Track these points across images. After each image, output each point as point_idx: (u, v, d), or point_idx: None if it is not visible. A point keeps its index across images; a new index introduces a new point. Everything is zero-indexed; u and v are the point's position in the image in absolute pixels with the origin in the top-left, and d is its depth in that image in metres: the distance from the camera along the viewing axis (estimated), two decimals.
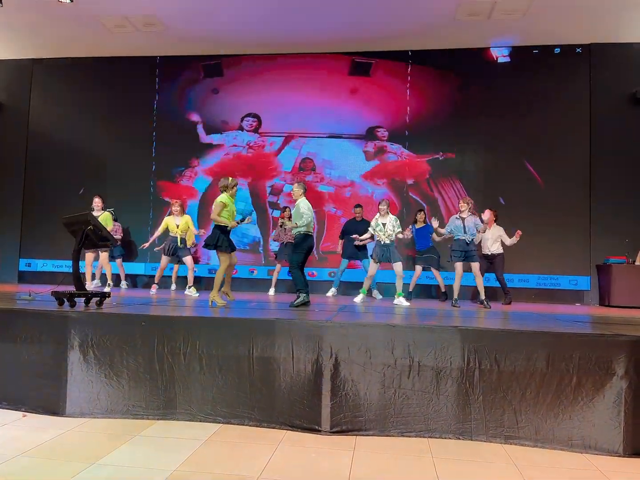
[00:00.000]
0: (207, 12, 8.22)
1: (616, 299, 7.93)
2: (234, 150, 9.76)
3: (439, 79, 9.31)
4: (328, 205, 9.42)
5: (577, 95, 8.91)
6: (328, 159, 9.49)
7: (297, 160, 9.57)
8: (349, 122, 9.48)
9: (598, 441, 3.51)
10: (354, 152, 9.44)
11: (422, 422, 3.71)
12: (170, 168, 9.88)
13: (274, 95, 9.67)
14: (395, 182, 9.32)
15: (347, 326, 3.91)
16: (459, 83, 9.25)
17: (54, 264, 9.87)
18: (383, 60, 9.44)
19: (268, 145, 9.69)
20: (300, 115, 9.59)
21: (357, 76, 9.50)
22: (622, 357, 3.56)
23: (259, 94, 9.71)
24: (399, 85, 9.39)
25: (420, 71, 9.37)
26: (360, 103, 9.48)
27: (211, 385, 3.94)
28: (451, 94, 9.25)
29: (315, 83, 9.58)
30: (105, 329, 4.08)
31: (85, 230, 4.72)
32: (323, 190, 9.45)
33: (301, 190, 5.97)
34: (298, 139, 9.59)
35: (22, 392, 4.07)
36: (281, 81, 9.68)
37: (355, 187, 9.40)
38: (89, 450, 3.26)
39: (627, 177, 8.61)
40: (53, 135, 10.22)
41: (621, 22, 8.19)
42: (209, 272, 9.34)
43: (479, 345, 3.74)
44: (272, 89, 9.67)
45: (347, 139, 9.48)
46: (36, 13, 8.37)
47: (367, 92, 9.46)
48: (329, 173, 9.48)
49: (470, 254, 6.62)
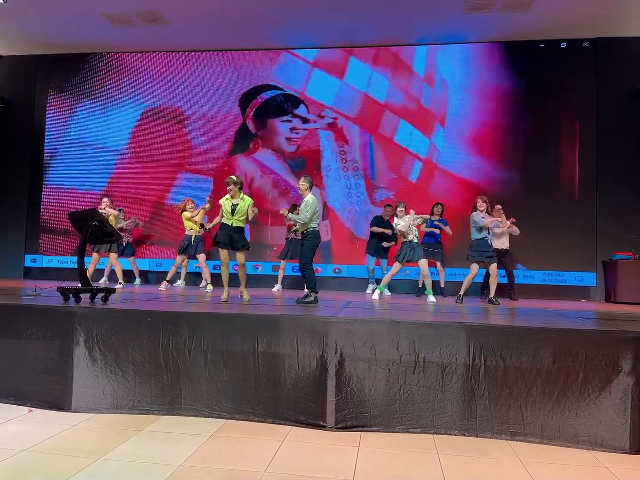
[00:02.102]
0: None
1: (622, 295, 7.89)
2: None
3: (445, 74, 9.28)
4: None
5: (583, 90, 8.85)
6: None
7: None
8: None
9: (604, 438, 3.49)
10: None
11: (427, 418, 3.70)
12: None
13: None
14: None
15: (352, 322, 3.90)
16: (463, 78, 9.22)
17: (59, 260, 9.91)
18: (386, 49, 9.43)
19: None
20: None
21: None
22: (629, 353, 3.53)
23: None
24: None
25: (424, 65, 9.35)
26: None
27: (216, 380, 3.94)
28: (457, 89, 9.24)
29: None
30: (110, 325, 4.09)
31: (90, 225, 4.73)
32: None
33: (307, 184, 5.85)
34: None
35: (28, 388, 4.09)
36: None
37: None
38: (95, 445, 3.27)
39: (633, 172, 8.55)
40: (60, 132, 10.24)
41: (627, 17, 8.13)
42: (213, 267, 9.35)
43: (484, 342, 3.72)
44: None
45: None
46: (39, 9, 8.37)
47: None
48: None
49: (491, 254, 6.58)
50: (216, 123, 9.84)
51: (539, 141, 8.92)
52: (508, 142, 9.07)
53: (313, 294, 5.60)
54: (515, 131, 9.05)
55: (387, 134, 9.34)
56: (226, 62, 9.89)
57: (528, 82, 9.04)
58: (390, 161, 9.31)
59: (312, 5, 8.08)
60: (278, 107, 9.70)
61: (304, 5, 8.10)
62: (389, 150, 9.33)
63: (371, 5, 8.01)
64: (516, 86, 9.08)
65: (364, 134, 9.43)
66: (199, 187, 9.71)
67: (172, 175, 9.88)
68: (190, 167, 9.84)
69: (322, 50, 9.59)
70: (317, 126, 9.54)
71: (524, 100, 9.05)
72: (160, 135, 9.99)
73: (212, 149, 9.82)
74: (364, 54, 9.50)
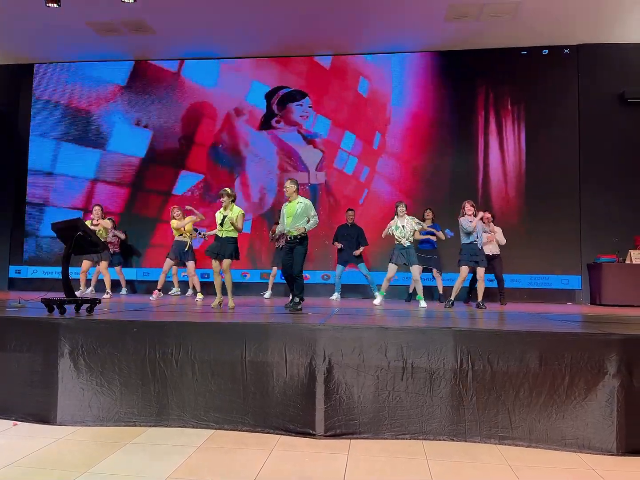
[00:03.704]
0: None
1: (607, 298, 7.98)
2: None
3: (428, 81, 9.37)
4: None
5: (566, 96, 8.98)
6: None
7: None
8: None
9: (591, 440, 3.52)
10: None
11: (416, 424, 3.70)
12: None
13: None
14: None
15: (340, 329, 3.90)
16: (448, 84, 9.31)
17: (44, 271, 9.79)
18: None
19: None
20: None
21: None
22: (614, 355, 3.57)
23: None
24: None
25: (410, 73, 9.43)
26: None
27: (204, 390, 3.91)
28: (442, 96, 9.33)
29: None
30: (96, 336, 4.04)
31: (75, 236, 4.69)
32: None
33: (295, 186, 5.72)
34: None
35: (12, 401, 4.03)
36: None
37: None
38: (81, 458, 3.22)
39: (616, 176, 8.68)
40: (46, 142, 10.15)
41: (609, 23, 8.27)
42: (201, 276, 9.31)
43: (472, 346, 3.74)
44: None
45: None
46: (29, 19, 8.32)
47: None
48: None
49: (481, 259, 6.60)
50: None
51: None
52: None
53: (301, 300, 5.62)
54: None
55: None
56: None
57: (509, 88, 9.15)
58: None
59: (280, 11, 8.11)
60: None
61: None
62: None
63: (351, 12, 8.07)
64: (497, 92, 9.19)
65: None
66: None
67: (173, 179, 9.87)
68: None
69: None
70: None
71: (506, 107, 9.15)
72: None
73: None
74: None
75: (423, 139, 9.31)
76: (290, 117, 9.67)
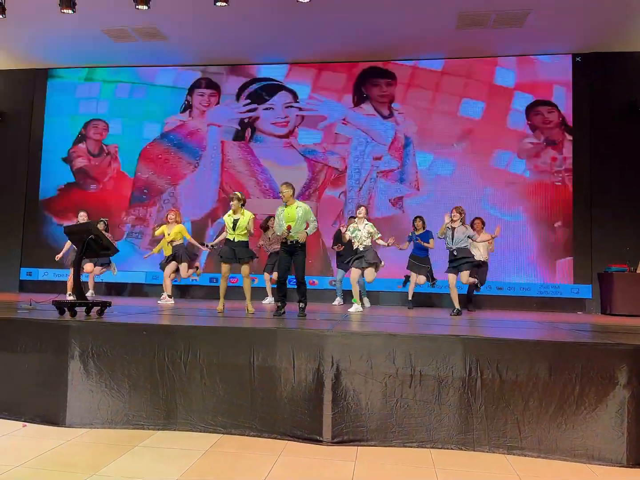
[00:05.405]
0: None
1: (618, 308, 7.89)
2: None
3: (439, 89, 9.38)
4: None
5: (576, 104, 8.94)
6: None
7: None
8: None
9: (601, 451, 3.47)
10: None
11: (424, 432, 3.68)
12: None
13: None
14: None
15: (348, 335, 3.90)
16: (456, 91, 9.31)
17: (55, 273, 9.85)
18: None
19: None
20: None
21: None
22: (625, 366, 3.53)
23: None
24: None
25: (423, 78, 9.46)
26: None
27: (212, 395, 3.91)
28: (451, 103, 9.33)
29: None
30: (105, 339, 4.07)
31: (86, 239, 4.73)
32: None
33: (291, 190, 5.60)
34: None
35: (22, 402, 4.06)
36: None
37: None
38: (89, 460, 3.24)
39: (627, 185, 8.62)
40: (54, 144, 10.28)
41: (620, 32, 8.24)
42: (210, 280, 9.34)
43: (480, 355, 3.71)
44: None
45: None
46: (38, 24, 8.43)
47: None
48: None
49: (459, 264, 6.51)
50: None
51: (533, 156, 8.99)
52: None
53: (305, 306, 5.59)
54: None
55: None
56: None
57: (521, 97, 9.13)
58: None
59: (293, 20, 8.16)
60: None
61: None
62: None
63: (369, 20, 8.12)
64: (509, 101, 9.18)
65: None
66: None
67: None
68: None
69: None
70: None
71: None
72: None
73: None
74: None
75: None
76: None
